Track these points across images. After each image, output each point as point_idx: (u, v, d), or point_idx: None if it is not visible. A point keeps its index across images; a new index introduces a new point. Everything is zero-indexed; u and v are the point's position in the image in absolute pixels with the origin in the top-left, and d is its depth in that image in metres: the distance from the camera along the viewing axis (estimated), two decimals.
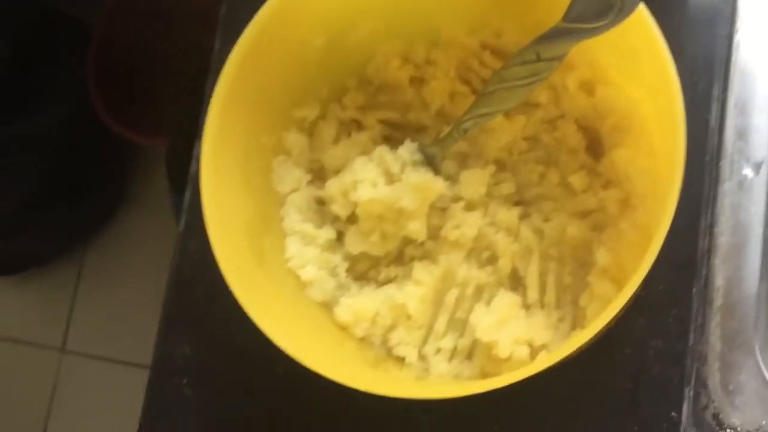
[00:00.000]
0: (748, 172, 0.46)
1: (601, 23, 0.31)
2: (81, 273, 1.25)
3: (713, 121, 0.46)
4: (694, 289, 0.45)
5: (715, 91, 0.46)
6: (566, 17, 0.32)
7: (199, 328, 0.54)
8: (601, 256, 0.40)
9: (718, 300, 0.46)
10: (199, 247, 0.55)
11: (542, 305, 0.44)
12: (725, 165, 0.47)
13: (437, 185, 0.43)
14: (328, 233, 0.46)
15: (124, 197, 1.25)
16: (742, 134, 0.47)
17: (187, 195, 0.57)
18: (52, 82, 1.10)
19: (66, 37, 1.13)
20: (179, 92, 1.17)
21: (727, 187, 0.46)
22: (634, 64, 0.39)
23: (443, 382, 0.43)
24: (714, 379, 0.45)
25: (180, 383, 0.54)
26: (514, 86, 0.37)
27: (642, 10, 0.35)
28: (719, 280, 0.46)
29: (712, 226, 0.46)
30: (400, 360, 0.45)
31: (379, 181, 0.44)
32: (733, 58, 0.48)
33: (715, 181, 0.46)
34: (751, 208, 0.46)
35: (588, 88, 0.44)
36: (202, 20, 1.12)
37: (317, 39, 0.45)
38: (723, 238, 0.46)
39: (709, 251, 0.46)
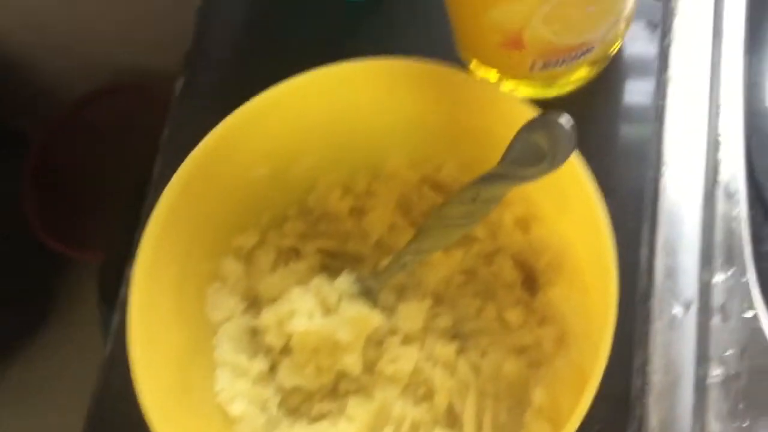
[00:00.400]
0: (678, 311, 0.47)
1: (535, 170, 0.32)
2: None
3: (643, 261, 0.47)
4: (630, 430, 0.45)
5: (644, 232, 0.48)
6: (502, 162, 0.33)
7: None
8: (537, 395, 0.40)
9: None
10: (124, 378, 0.53)
11: None
12: (655, 304, 0.47)
13: (374, 318, 0.43)
14: (260, 365, 0.45)
15: (50, 311, 1.20)
16: (671, 273, 0.48)
17: (116, 320, 0.55)
18: None
19: (3, 146, 1.12)
20: (116, 207, 1.16)
21: (658, 326, 0.47)
22: (565, 205, 0.41)
23: None
24: None
25: None
26: (451, 225, 0.37)
27: (575, 161, 0.36)
28: (653, 420, 0.46)
29: (645, 364, 0.46)
30: None
31: (316, 312, 0.44)
32: (660, 200, 0.49)
33: (647, 319, 0.47)
34: (683, 346, 0.47)
35: (523, 225, 0.45)
36: (143, 138, 1.13)
37: (260, 169, 0.45)
38: (656, 376, 0.46)
39: (643, 390, 0.46)
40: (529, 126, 0.30)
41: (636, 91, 0.52)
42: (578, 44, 0.44)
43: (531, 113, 0.38)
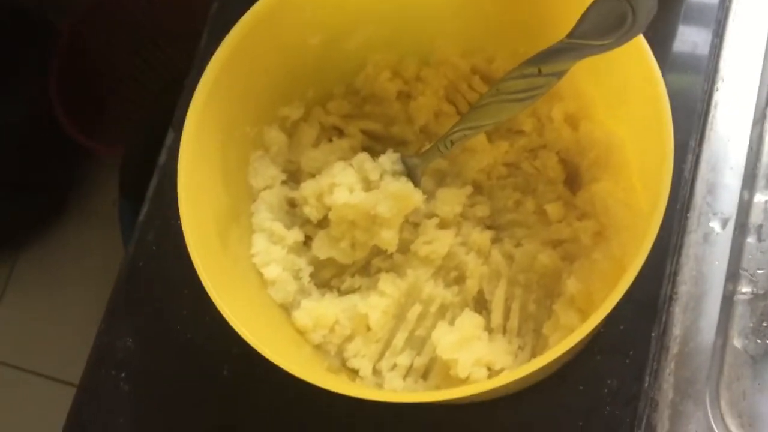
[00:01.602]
0: (715, 225, 0.47)
1: (608, 40, 0.31)
2: (11, 277, 1.20)
3: (687, 172, 0.47)
4: (653, 334, 0.45)
5: (692, 144, 0.47)
6: (572, 33, 0.33)
7: (146, 321, 0.52)
8: (572, 285, 0.40)
9: (674, 348, 0.46)
10: (157, 239, 0.54)
11: (504, 331, 0.43)
12: (693, 216, 0.48)
13: (416, 196, 0.43)
14: (296, 235, 0.46)
15: (66, 204, 1.21)
16: (712, 189, 0.48)
17: (152, 184, 0.55)
18: (14, 79, 1.08)
19: (33, 38, 1.12)
20: (141, 106, 1.16)
21: (693, 238, 0.47)
22: (622, 100, 0.40)
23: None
24: (663, 426, 0.45)
25: (118, 377, 0.51)
26: (509, 100, 0.37)
27: (641, 41, 0.35)
28: (677, 329, 0.46)
29: (675, 274, 0.47)
30: (354, 372, 0.44)
31: (357, 187, 0.44)
32: (710, 116, 0.49)
33: (683, 230, 0.47)
34: (714, 261, 0.47)
35: (572, 121, 0.44)
36: (173, 39, 1.12)
37: (313, 38, 0.45)
38: (684, 287, 0.47)
39: (671, 299, 0.46)
40: None
41: (697, 7, 0.51)
42: None
43: None
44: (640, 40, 0.35)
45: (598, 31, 0.31)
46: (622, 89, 0.39)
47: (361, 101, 0.49)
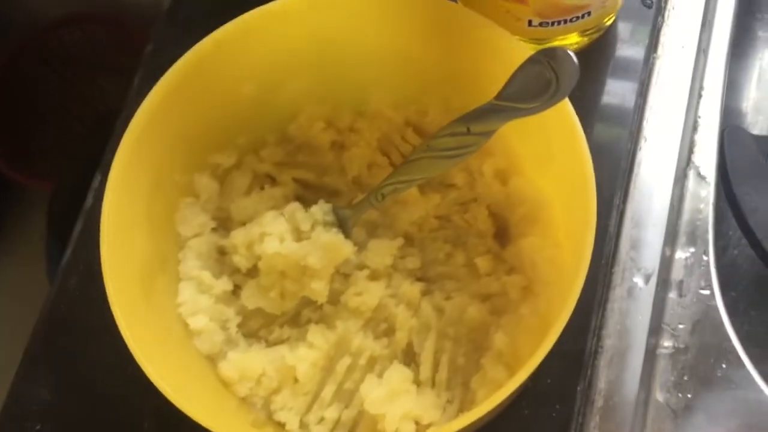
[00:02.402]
0: (638, 281, 0.48)
1: (534, 104, 0.32)
2: None
3: (612, 228, 0.48)
4: (579, 387, 0.46)
5: (616, 201, 0.49)
6: (500, 95, 0.33)
7: (64, 371, 0.51)
8: (499, 339, 0.41)
9: (599, 401, 0.47)
10: (80, 285, 0.52)
11: (433, 384, 0.43)
12: (618, 271, 0.49)
13: (346, 248, 0.43)
14: (225, 284, 0.45)
15: None
16: (636, 245, 0.49)
17: (77, 228, 0.54)
18: None
19: None
20: (72, 138, 1.14)
21: (617, 293, 0.48)
22: (548, 157, 0.41)
23: None
24: None
25: (33, 429, 0.49)
26: (439, 156, 0.37)
27: (567, 105, 0.37)
28: (602, 383, 0.47)
29: (600, 328, 0.48)
30: (281, 426, 0.43)
31: (287, 236, 0.44)
32: (634, 173, 0.51)
33: (608, 285, 0.48)
34: (638, 316, 0.48)
35: (502, 177, 0.45)
36: (110, 74, 1.11)
37: (247, 87, 0.45)
38: (609, 341, 0.48)
39: (596, 352, 0.47)
40: (534, 58, 0.31)
41: (623, 67, 0.53)
42: (578, 5, 0.45)
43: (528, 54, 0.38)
44: (566, 104, 0.36)
45: (524, 95, 0.32)
46: (548, 148, 0.40)
47: (294, 149, 0.49)
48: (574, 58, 0.29)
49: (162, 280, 0.43)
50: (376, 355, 0.44)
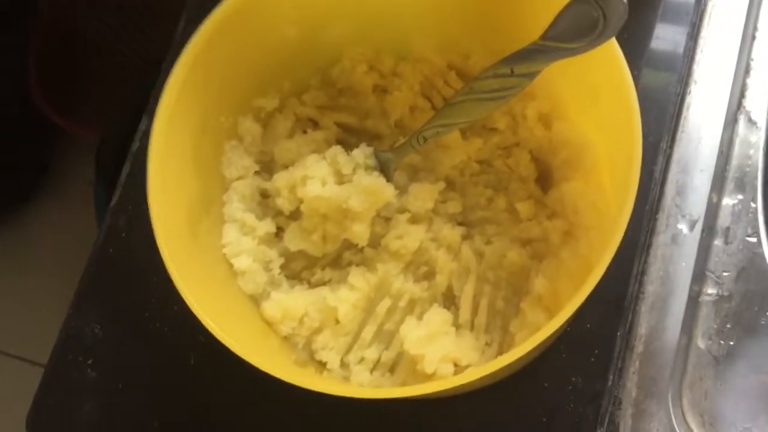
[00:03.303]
0: (683, 227, 0.48)
1: (580, 44, 0.32)
2: None
3: (657, 173, 0.48)
4: (619, 333, 0.46)
5: (663, 145, 0.48)
6: (545, 35, 0.33)
7: (114, 308, 0.52)
8: (539, 284, 0.41)
9: (639, 347, 0.46)
10: (128, 226, 0.54)
11: (472, 327, 0.43)
12: (662, 217, 0.48)
13: (388, 191, 0.43)
14: (268, 226, 0.45)
15: (41, 184, 1.20)
16: (681, 191, 0.48)
17: (125, 170, 0.55)
18: None
19: (13, 15, 1.10)
20: (119, 86, 1.15)
21: (661, 239, 0.48)
22: (594, 101, 0.40)
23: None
24: (626, 424, 0.46)
25: (84, 363, 0.51)
26: (482, 98, 0.37)
27: (614, 45, 0.36)
28: (642, 328, 0.47)
29: (642, 273, 0.47)
30: (322, 365, 0.44)
31: (329, 179, 0.44)
32: (682, 117, 0.49)
33: (651, 231, 0.48)
34: (681, 262, 0.47)
35: (546, 120, 0.45)
36: (155, 20, 1.11)
37: (290, 30, 0.44)
38: (651, 287, 0.47)
39: (637, 298, 0.47)
40: None
41: (673, 7, 0.51)
42: None
43: None
44: (613, 44, 0.35)
45: (570, 35, 0.31)
46: (594, 91, 0.40)
47: (336, 93, 0.49)
48: None
49: (207, 221, 0.44)
50: (416, 298, 0.44)
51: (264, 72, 0.46)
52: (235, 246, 0.44)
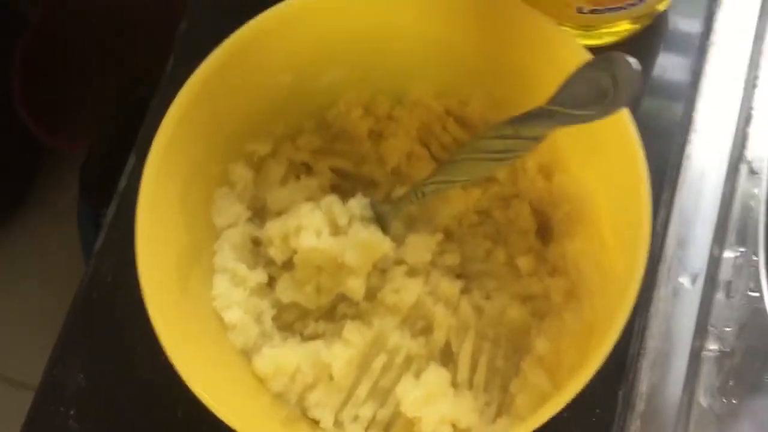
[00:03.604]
0: (684, 281, 0.47)
1: (589, 112, 0.30)
2: None
3: (658, 226, 0.47)
4: (620, 392, 0.45)
5: (664, 196, 0.47)
6: (552, 100, 0.32)
7: (98, 357, 0.50)
8: (541, 345, 0.39)
9: (640, 405, 0.45)
10: (114, 270, 0.52)
11: (470, 386, 0.42)
12: (663, 271, 0.47)
13: (384, 245, 0.42)
14: (259, 276, 0.44)
15: (25, 199, 1.18)
16: (683, 243, 0.47)
17: (111, 211, 0.53)
18: None
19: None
20: (105, 103, 1.13)
21: (662, 293, 0.47)
22: (596, 152, 0.39)
23: None
24: None
25: (66, 414, 0.49)
26: (484, 159, 0.36)
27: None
28: (644, 386, 0.46)
29: (644, 329, 0.46)
30: (314, 423, 0.42)
31: (324, 230, 0.43)
32: (684, 167, 0.49)
33: (653, 285, 0.46)
34: (683, 317, 0.46)
35: (547, 172, 0.44)
36: (146, 34, 1.10)
37: (284, 76, 0.43)
38: (653, 342, 0.46)
39: (639, 354, 0.46)
40: (592, 63, 0.29)
41: (675, 54, 0.51)
42: None
43: (581, 53, 0.36)
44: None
45: (579, 101, 0.30)
46: (597, 146, 0.39)
47: (331, 137, 0.48)
48: (636, 66, 0.27)
49: (197, 272, 0.43)
50: (412, 354, 0.43)
51: (257, 117, 0.45)
52: (225, 298, 0.43)
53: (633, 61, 0.27)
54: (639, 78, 0.28)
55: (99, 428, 0.49)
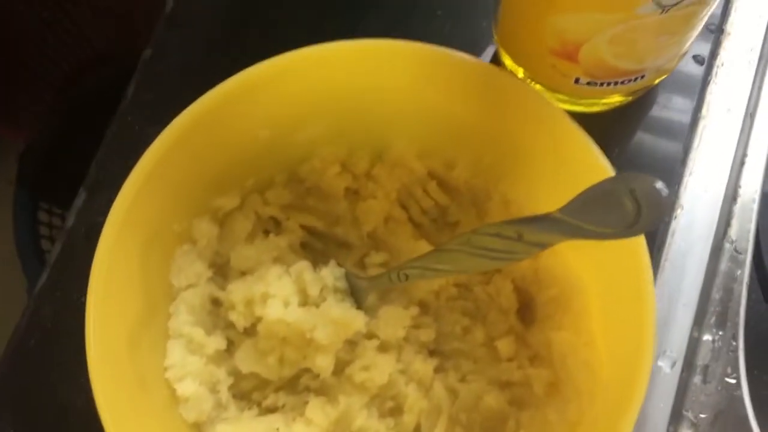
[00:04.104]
0: (663, 364, 0.45)
1: (606, 230, 0.27)
2: None
3: None
4: None
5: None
6: (565, 209, 0.29)
7: (32, 412, 0.46)
8: None
9: None
10: (55, 316, 0.48)
11: None
12: None
13: (358, 321, 0.39)
14: (217, 342, 0.41)
15: None
16: (663, 325, 0.46)
17: (56, 249, 0.49)
18: None
19: None
20: (50, 86, 1.07)
21: None
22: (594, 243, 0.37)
23: None
24: None
25: None
26: (479, 255, 0.33)
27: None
28: None
29: None
30: None
31: (293, 300, 0.39)
32: (666, 245, 0.47)
33: None
34: (660, 402, 0.45)
35: None
36: (95, 17, 1.04)
37: (262, 131, 0.40)
38: None
39: None
40: (616, 180, 0.26)
41: (665, 127, 0.49)
42: (633, 70, 0.40)
43: (574, 131, 0.34)
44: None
45: (596, 218, 0.27)
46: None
47: (304, 192, 0.44)
48: (664, 192, 0.25)
49: (149, 337, 0.39)
50: None
51: (227, 171, 0.41)
52: (179, 369, 0.39)
53: (661, 185, 0.25)
54: (665, 204, 0.25)
55: None
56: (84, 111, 1.00)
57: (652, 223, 0.25)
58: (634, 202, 0.25)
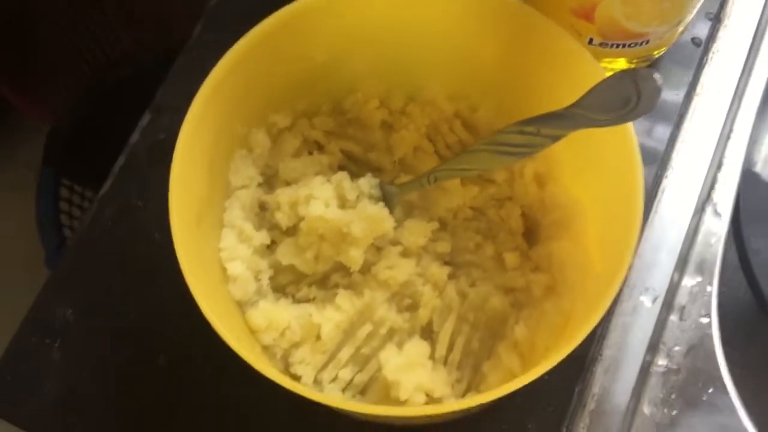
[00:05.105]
0: (644, 299, 0.51)
1: (608, 117, 0.34)
2: None
3: None
4: (576, 389, 0.49)
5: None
6: (576, 104, 0.36)
7: (89, 296, 0.52)
8: (518, 330, 0.43)
9: (591, 404, 0.49)
10: (115, 217, 0.54)
11: (445, 362, 0.46)
12: (627, 288, 0.52)
13: (388, 222, 0.45)
14: (263, 237, 0.47)
15: None
16: (648, 267, 0.52)
17: (120, 160, 0.55)
18: None
19: None
20: (77, 76, 1.13)
21: (624, 308, 0.51)
22: (593, 170, 0.44)
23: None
24: None
25: (51, 344, 0.51)
26: (501, 151, 0.40)
27: (629, 126, 0.39)
28: (596, 388, 0.50)
29: (603, 337, 0.50)
30: (296, 378, 0.45)
31: (332, 203, 0.46)
32: (657, 200, 0.54)
33: (616, 299, 0.51)
34: (639, 332, 0.51)
35: (541, 181, 0.48)
36: (128, 24, 1.11)
37: (319, 55, 0.46)
38: (608, 351, 0.51)
39: (595, 359, 0.50)
40: (621, 75, 0.33)
41: (662, 99, 0.55)
42: (640, 32, 0.47)
43: (599, 73, 0.40)
44: (628, 125, 0.38)
45: (601, 107, 0.34)
46: (596, 161, 0.43)
47: (345, 122, 0.51)
48: (659, 81, 0.31)
49: (209, 222, 0.45)
50: (396, 327, 0.46)
51: (284, 90, 0.48)
52: (231, 251, 0.45)
53: (657, 76, 0.31)
54: (660, 92, 0.32)
55: (81, 361, 0.50)
56: (108, 103, 1.06)
57: (649, 106, 0.32)
58: (635, 90, 0.32)
